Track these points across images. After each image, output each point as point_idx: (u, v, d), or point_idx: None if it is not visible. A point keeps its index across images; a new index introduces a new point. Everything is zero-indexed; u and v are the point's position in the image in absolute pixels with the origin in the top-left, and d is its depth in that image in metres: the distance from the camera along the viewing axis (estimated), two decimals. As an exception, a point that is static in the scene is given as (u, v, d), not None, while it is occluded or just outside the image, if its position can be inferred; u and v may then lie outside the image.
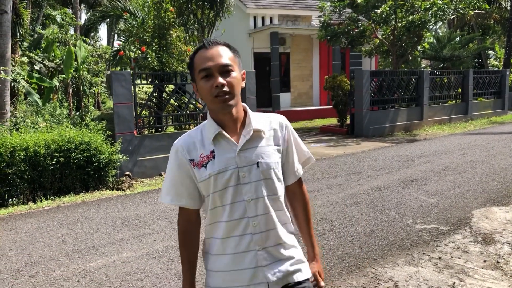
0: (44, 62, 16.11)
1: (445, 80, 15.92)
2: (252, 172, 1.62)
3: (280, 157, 1.72)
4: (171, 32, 9.35)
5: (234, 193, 1.62)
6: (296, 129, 15.40)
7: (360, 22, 15.10)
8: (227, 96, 1.59)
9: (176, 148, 1.71)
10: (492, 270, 3.84)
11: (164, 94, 9.41)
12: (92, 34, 28.61)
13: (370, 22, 14.68)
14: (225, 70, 1.60)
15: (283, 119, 1.78)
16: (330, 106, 15.70)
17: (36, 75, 13.75)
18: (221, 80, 1.58)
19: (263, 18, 18.06)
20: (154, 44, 9.20)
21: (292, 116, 17.56)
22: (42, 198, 6.78)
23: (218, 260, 1.67)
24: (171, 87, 9.44)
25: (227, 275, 1.65)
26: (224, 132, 1.64)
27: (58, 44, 16.49)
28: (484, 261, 4.03)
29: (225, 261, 1.65)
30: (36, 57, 15.76)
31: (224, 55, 1.62)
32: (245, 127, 1.67)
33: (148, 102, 9.18)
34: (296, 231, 1.81)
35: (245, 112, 1.72)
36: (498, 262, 3.98)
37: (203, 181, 1.65)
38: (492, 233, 4.74)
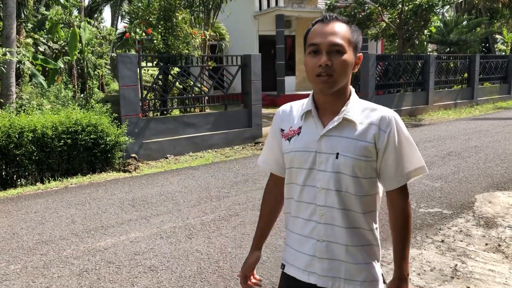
0: (49, 44, 16.12)
1: (451, 65, 15.83)
2: (330, 161, 1.52)
3: (372, 156, 1.53)
4: (177, 14, 9.32)
5: (307, 176, 1.57)
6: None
7: (366, 5, 14.97)
8: (328, 78, 1.49)
9: (277, 113, 1.74)
10: (494, 253, 3.90)
11: (170, 77, 9.42)
12: (96, 15, 28.47)
13: (376, 5, 14.55)
14: (334, 50, 1.49)
15: (391, 116, 1.55)
16: (335, 90, 15.65)
17: (41, 56, 13.77)
18: (326, 59, 1.48)
19: (268, 1, 17.91)
20: (159, 26, 9.18)
21: (297, 100, 17.52)
22: (50, 179, 6.87)
23: (290, 236, 1.67)
24: (176, 69, 9.45)
25: (294, 252, 1.65)
26: (314, 112, 1.58)
27: (62, 25, 16.45)
28: (486, 244, 4.09)
29: (293, 239, 1.65)
30: (41, 38, 15.77)
31: (339, 34, 1.50)
32: (339, 112, 1.55)
33: (154, 85, 9.20)
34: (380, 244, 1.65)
35: (349, 98, 1.59)
36: (499, 245, 4.04)
37: (285, 153, 1.64)
38: (495, 217, 4.80)
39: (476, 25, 23.59)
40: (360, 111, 1.56)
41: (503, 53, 27.42)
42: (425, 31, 15.13)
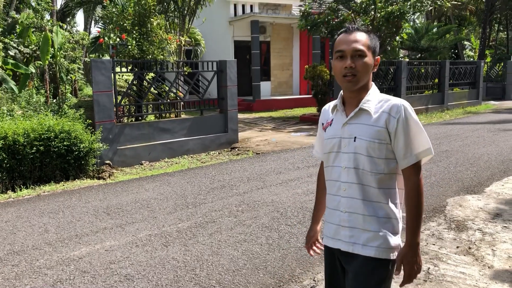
0: (19, 48, 15.76)
1: (422, 71, 16.21)
2: (350, 144, 1.86)
3: (385, 139, 1.82)
4: (152, 19, 9.27)
5: (335, 158, 1.92)
6: (276, 118, 15.40)
7: (340, 11, 15.19)
8: (352, 78, 1.83)
9: (322, 110, 2.10)
10: (464, 255, 4.02)
11: (145, 83, 9.36)
12: (68, 19, 28.01)
13: (350, 12, 14.79)
14: (357, 54, 1.83)
15: (400, 104, 1.84)
16: (310, 95, 15.83)
17: (11, 61, 13.44)
18: (350, 62, 1.82)
19: (243, 6, 18.01)
20: (134, 31, 9.11)
21: (272, 105, 17.64)
22: (22, 187, 6.72)
23: (326, 212, 2.03)
24: (151, 75, 9.39)
25: (326, 223, 2.00)
26: (340, 106, 1.95)
27: (33, 29, 16.12)
28: (457, 247, 4.21)
29: (327, 213, 2.01)
30: (11, 42, 15.41)
31: (360, 41, 1.84)
32: (359, 104, 1.87)
33: (128, 91, 9.12)
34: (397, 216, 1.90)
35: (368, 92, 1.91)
36: (470, 248, 4.16)
37: (323, 141, 2.01)
38: (465, 220, 4.94)
39: (446, 32, 24.24)
40: (377, 102, 1.88)
41: (472, 59, 28.21)
42: (397, 38, 15.44)
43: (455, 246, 4.23)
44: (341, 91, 1.99)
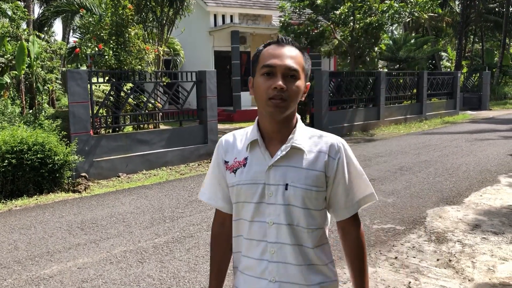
0: (-6, 58, 15.41)
1: (401, 81, 16.40)
2: (279, 193, 1.44)
3: (323, 185, 1.48)
4: (129, 29, 9.14)
5: (255, 211, 1.47)
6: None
7: (319, 23, 15.30)
8: (281, 102, 1.41)
9: (219, 143, 1.61)
10: (445, 268, 3.98)
11: (122, 93, 9.20)
12: (46, 29, 27.60)
13: (329, 23, 14.92)
14: (290, 75, 1.43)
15: (339, 143, 1.52)
16: (290, 106, 15.78)
17: (-15, 71, 13.12)
18: (281, 83, 1.40)
19: (223, 17, 17.99)
20: (111, 41, 8.96)
21: (253, 115, 17.58)
22: (-8, 201, 6.49)
23: (240, 278, 1.55)
24: (129, 85, 9.24)
25: None
26: (261, 141, 1.49)
27: (9, 38, 15.80)
28: (437, 259, 4.17)
29: (244, 280, 1.52)
30: (-15, 52, 15.05)
31: (295, 59, 1.45)
32: (287, 141, 1.48)
33: (106, 101, 8.95)
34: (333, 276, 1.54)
35: (295, 126, 1.52)
36: (450, 261, 4.14)
37: (230, 187, 1.54)
38: (445, 232, 4.92)
39: (423, 43, 24.68)
40: (308, 138, 1.51)
41: (448, 70, 28.75)
42: (376, 49, 15.61)
43: (435, 258, 4.20)
44: (256, 120, 1.55)
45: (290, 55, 1.44)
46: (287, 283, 1.45)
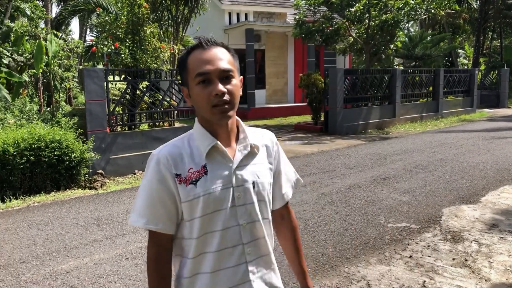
0: (13, 56, 15.66)
1: (417, 79, 16.23)
2: (247, 192, 1.45)
3: (272, 177, 1.57)
4: (145, 28, 9.21)
5: (227, 217, 1.42)
6: (271, 126, 15.37)
7: (334, 20, 15.22)
8: (226, 106, 1.39)
9: (158, 159, 1.44)
10: (461, 268, 3.94)
11: (138, 91, 9.28)
12: (63, 27, 27.97)
13: (344, 21, 14.83)
14: (225, 76, 1.40)
15: (273, 136, 1.63)
16: (305, 103, 15.79)
17: (4, 69, 13.37)
18: (221, 87, 1.38)
19: (238, 15, 18.03)
20: (127, 40, 9.04)
21: (267, 113, 17.61)
22: (11, 197, 6.60)
23: None
24: (145, 83, 9.32)
25: None
26: (221, 146, 1.44)
27: (28, 37, 16.05)
28: (453, 259, 4.13)
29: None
30: (5, 51, 15.32)
31: (224, 58, 1.42)
32: (239, 141, 1.49)
33: (122, 99, 9.04)
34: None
35: (237, 125, 1.53)
36: (466, 260, 4.09)
37: (189, 201, 1.41)
38: (461, 231, 4.87)
39: (440, 40, 24.37)
40: (255, 135, 1.57)
41: (466, 67, 28.35)
42: (391, 46, 15.49)
43: (451, 258, 4.16)
44: (198, 125, 1.48)
45: (220, 57, 1.41)
46: (265, 273, 1.51)
